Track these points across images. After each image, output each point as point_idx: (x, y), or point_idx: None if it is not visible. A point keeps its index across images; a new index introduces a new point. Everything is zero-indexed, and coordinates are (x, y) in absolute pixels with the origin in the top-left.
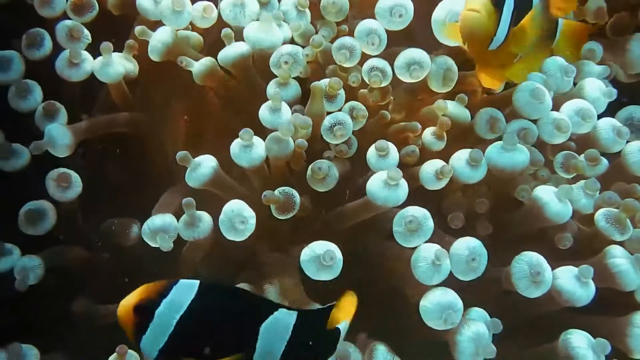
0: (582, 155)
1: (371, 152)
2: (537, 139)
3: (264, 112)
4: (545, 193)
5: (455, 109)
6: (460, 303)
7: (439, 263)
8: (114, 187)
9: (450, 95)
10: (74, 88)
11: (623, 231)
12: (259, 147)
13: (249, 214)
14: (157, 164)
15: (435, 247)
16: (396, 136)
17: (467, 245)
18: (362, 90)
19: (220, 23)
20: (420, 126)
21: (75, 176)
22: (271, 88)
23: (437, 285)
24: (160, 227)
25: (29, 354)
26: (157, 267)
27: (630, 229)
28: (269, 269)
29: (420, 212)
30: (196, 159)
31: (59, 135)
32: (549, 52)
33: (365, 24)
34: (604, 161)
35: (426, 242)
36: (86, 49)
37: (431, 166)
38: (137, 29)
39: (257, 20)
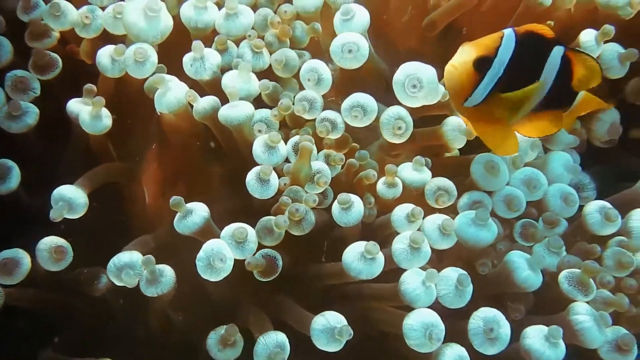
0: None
1: (335, 205)
2: None
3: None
4: (517, 258)
5: (409, 174)
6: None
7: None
8: (89, 234)
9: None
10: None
11: (586, 293)
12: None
13: (229, 254)
14: (133, 211)
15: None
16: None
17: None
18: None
19: None
20: (375, 174)
21: (68, 247)
22: (258, 148)
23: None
24: (126, 263)
25: None
26: (126, 317)
27: (594, 289)
28: (247, 321)
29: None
30: (189, 205)
31: (75, 196)
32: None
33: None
34: (563, 222)
35: None
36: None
37: (402, 210)
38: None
39: (217, 72)
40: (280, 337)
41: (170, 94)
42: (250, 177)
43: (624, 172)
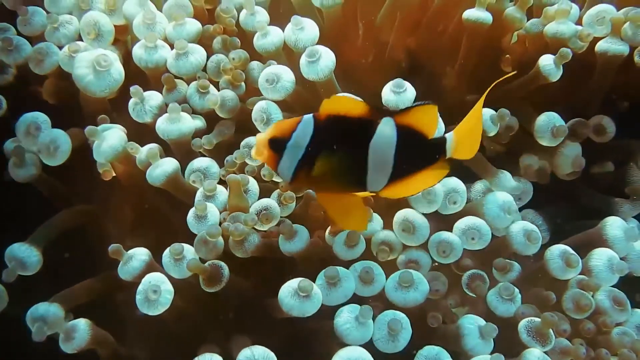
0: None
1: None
2: None
3: (190, 220)
4: (469, 323)
5: None
6: None
7: None
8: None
9: None
10: None
11: (545, 343)
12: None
13: (166, 287)
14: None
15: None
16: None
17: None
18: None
19: None
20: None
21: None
22: (198, 196)
23: None
24: (41, 316)
25: None
26: None
27: (553, 339)
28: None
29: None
30: (129, 251)
31: (27, 255)
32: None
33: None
34: (516, 266)
35: None
36: None
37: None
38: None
39: (158, 112)
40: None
41: (105, 143)
42: (190, 216)
43: (585, 208)
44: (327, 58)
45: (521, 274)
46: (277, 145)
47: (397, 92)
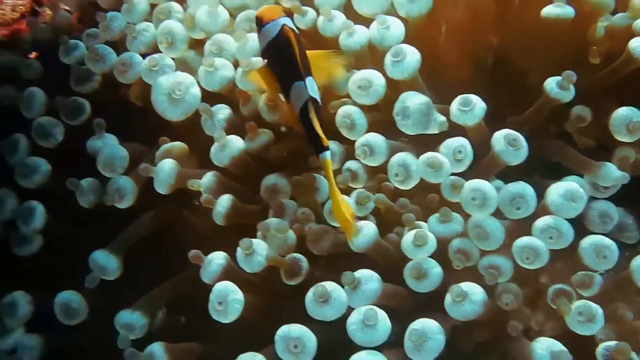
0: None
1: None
2: None
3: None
4: (540, 349)
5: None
6: None
7: None
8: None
9: None
10: None
11: None
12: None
13: (235, 297)
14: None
15: None
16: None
17: None
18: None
19: None
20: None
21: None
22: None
23: None
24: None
25: None
26: None
27: None
28: None
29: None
30: (208, 256)
31: (107, 262)
32: None
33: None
34: (597, 279)
35: None
36: None
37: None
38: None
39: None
40: None
41: (157, 177)
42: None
43: None
44: (412, 57)
45: (603, 285)
46: None
47: (464, 111)
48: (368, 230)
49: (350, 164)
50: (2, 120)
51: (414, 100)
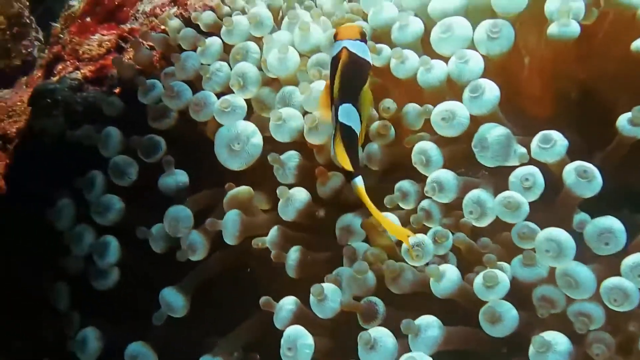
0: None
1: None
2: None
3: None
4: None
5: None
6: None
7: None
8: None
9: None
10: None
11: None
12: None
13: (305, 342)
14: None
15: None
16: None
17: None
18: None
19: None
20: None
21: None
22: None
23: None
24: None
25: None
26: None
27: None
28: None
29: None
30: (279, 303)
31: (175, 300)
32: None
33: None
34: None
35: None
36: None
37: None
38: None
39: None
40: None
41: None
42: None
43: None
44: (490, 92)
45: None
46: None
47: (545, 148)
48: (451, 274)
49: (424, 203)
50: (82, 157)
51: (493, 131)
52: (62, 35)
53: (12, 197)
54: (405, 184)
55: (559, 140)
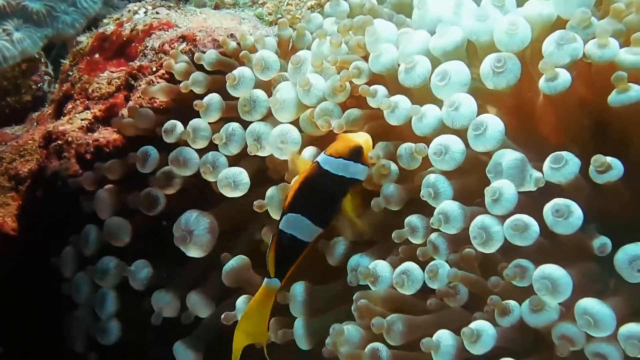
0: None
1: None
2: None
3: None
4: None
5: None
6: None
7: None
8: None
9: None
10: None
11: None
12: None
13: None
14: None
15: None
16: None
17: None
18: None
19: None
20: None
21: None
22: None
23: None
24: None
25: None
26: None
27: None
28: None
29: None
30: None
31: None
32: None
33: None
34: None
35: None
36: None
37: None
38: None
39: None
40: None
41: None
42: None
43: None
44: (494, 128)
45: None
46: None
47: (556, 168)
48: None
49: (432, 236)
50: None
51: (507, 156)
52: (71, 73)
53: (24, 241)
54: (413, 219)
55: (570, 160)
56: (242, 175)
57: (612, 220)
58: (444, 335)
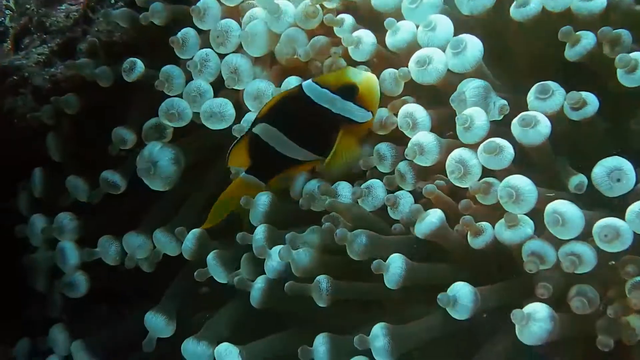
0: None
1: None
2: None
3: None
4: None
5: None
6: None
7: None
8: None
9: None
10: None
11: None
12: None
13: None
14: None
15: None
16: None
17: None
18: None
19: None
20: None
21: None
22: None
23: None
24: None
25: None
26: None
27: None
28: None
29: None
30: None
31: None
32: None
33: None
34: None
35: None
36: None
37: None
38: None
39: None
40: None
41: None
42: None
43: None
44: (473, 48)
45: None
46: None
47: (543, 99)
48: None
49: (400, 166)
50: None
51: (470, 84)
52: (28, 6)
53: None
54: (382, 146)
55: (556, 90)
56: (227, 106)
57: (585, 155)
58: (394, 258)
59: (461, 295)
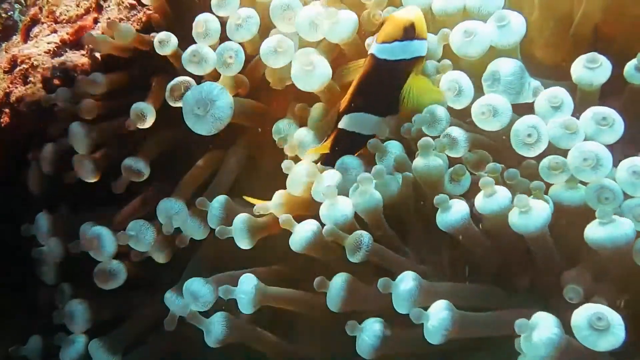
0: None
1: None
2: None
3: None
4: None
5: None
6: None
7: None
8: None
9: None
10: None
11: None
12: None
13: None
14: None
15: None
16: None
17: None
18: None
19: None
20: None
21: None
22: None
23: None
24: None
25: None
26: None
27: None
28: None
29: None
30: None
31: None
32: None
33: None
34: None
35: None
36: None
37: None
38: None
39: None
40: None
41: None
42: None
43: None
44: (517, 21)
45: None
46: None
47: (591, 68)
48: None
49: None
50: None
51: (505, 64)
52: None
53: None
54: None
55: (604, 62)
56: (240, 51)
57: None
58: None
59: None
